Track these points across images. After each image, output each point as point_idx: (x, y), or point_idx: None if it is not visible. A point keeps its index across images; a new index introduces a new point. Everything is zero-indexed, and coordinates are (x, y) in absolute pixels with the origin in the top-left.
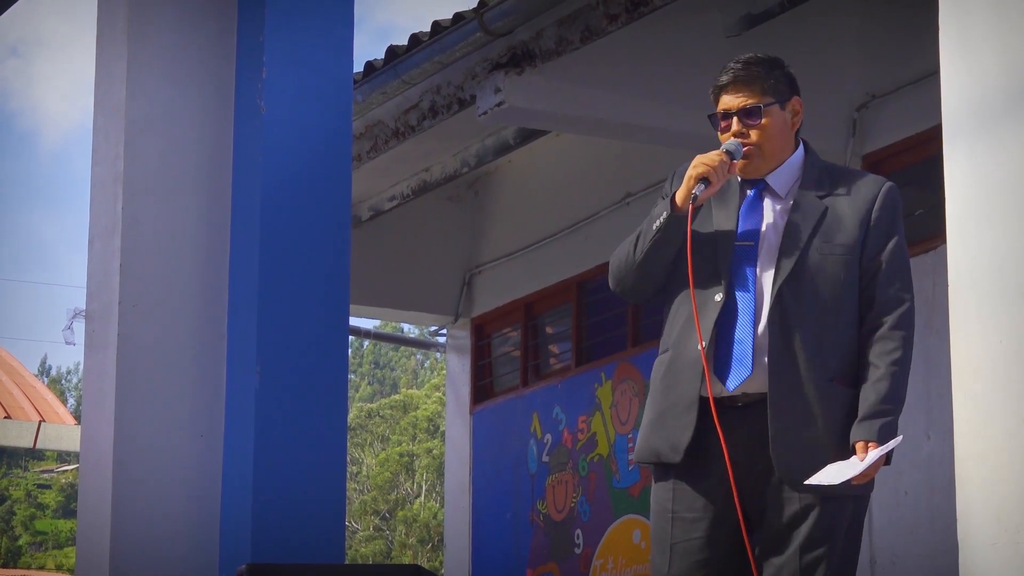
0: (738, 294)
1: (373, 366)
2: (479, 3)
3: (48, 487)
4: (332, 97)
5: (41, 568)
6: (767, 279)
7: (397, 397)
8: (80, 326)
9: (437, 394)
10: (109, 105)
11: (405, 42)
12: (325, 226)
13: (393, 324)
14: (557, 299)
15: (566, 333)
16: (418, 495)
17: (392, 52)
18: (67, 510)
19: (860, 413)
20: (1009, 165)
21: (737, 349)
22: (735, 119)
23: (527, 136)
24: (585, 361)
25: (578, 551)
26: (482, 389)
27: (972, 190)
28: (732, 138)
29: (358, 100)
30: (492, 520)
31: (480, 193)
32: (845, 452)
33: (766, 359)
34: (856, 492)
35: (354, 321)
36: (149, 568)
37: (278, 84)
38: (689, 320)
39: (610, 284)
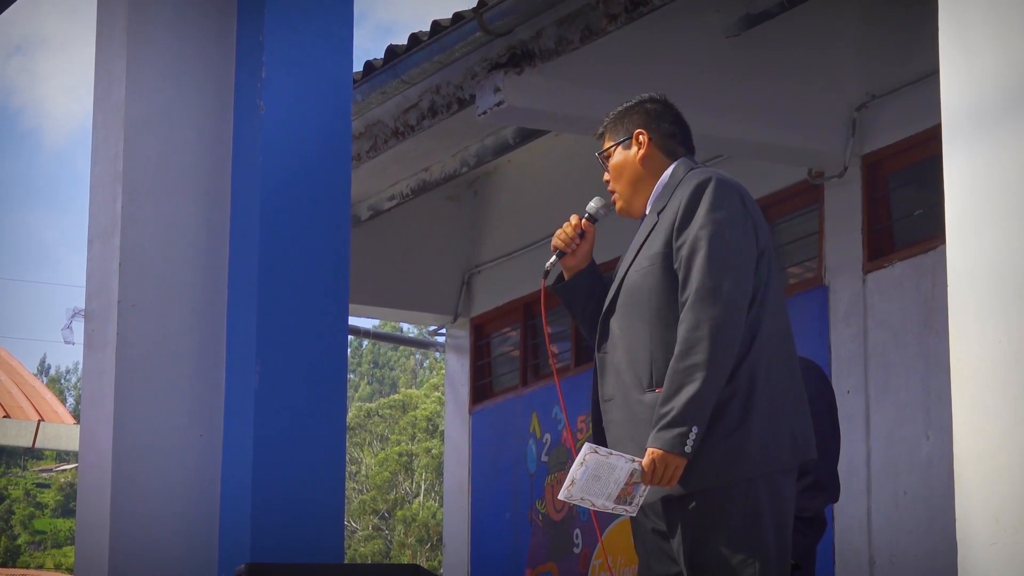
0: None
1: (372, 366)
2: (479, 3)
3: (47, 486)
4: (331, 97)
5: (40, 567)
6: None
7: (396, 397)
8: (79, 325)
9: (436, 394)
10: (108, 104)
11: (406, 39)
12: (324, 226)
13: (392, 324)
14: (556, 299)
15: (565, 333)
16: (417, 495)
17: (391, 52)
18: (66, 509)
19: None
20: (1009, 165)
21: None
22: (605, 172)
23: (526, 136)
24: (584, 361)
25: (577, 551)
26: (481, 389)
27: (971, 190)
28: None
29: (357, 100)
30: (491, 520)
31: (479, 193)
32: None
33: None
34: (727, 481)
35: (353, 320)
36: (148, 567)
37: (277, 84)
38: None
39: None
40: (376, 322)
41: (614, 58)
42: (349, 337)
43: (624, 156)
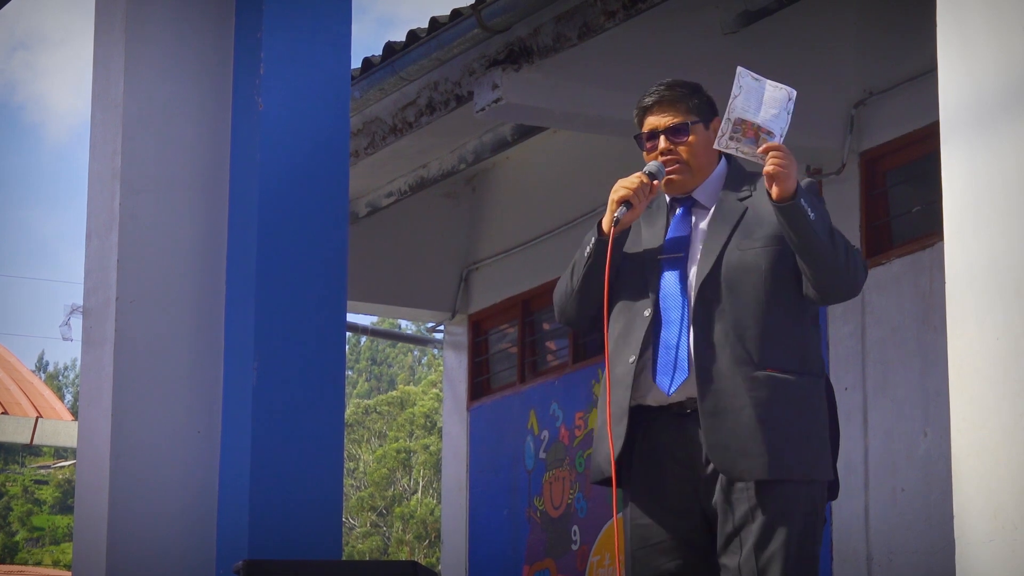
0: (668, 304)
1: (370, 362)
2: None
3: (45, 483)
4: (330, 94)
5: (38, 564)
6: (694, 288)
7: (394, 393)
8: (77, 322)
9: (434, 390)
10: (107, 101)
11: (405, 33)
12: (322, 222)
13: (390, 320)
14: None
15: (563, 330)
16: (415, 491)
17: (390, 48)
18: (64, 506)
19: None
20: (1007, 162)
21: (672, 355)
22: (662, 138)
23: (525, 133)
24: (582, 358)
25: (575, 547)
26: (479, 386)
27: (970, 187)
28: (657, 157)
29: (355, 96)
30: (489, 516)
31: (477, 189)
32: (776, 438)
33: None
34: (810, 477)
35: (351, 317)
36: (146, 564)
37: (276, 81)
38: (619, 336)
39: (556, 317)
40: (374, 319)
41: (612, 55)
42: (347, 334)
43: (704, 136)
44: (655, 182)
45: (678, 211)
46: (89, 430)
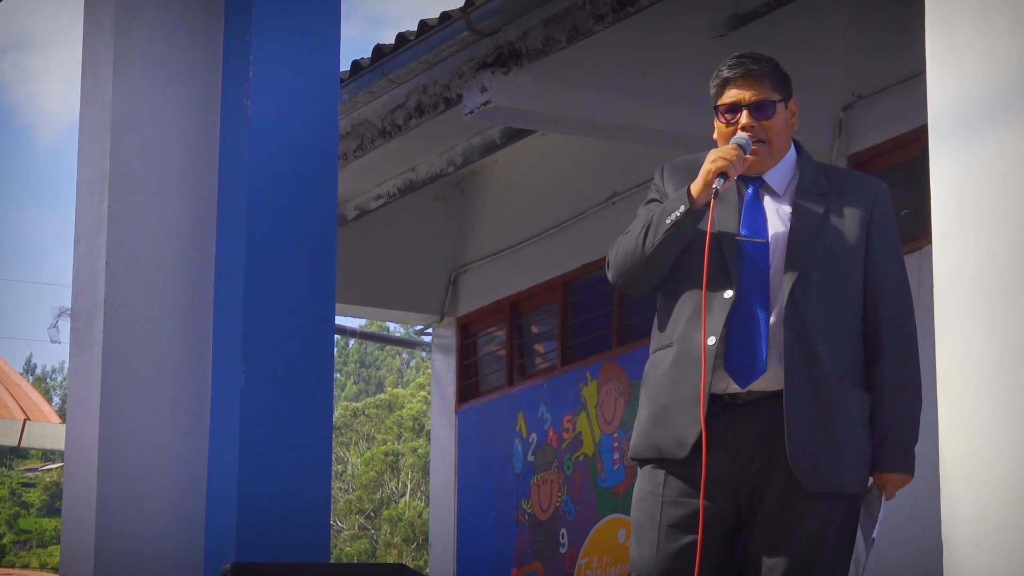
0: (749, 291)
1: (358, 365)
2: (466, 2)
3: (33, 486)
4: (319, 96)
5: (25, 567)
6: (778, 277)
7: (382, 396)
8: (65, 324)
9: (422, 393)
10: (96, 104)
11: (396, 33)
12: (311, 225)
13: (379, 323)
14: (543, 298)
15: (551, 332)
16: (403, 494)
17: (379, 51)
18: (52, 509)
19: (888, 435)
20: (995, 166)
21: (750, 346)
22: (745, 112)
23: (513, 135)
24: (570, 361)
25: (563, 550)
26: (467, 388)
27: (958, 191)
28: (740, 132)
29: (344, 99)
30: (477, 519)
31: (466, 192)
32: (842, 450)
33: (781, 358)
34: (849, 491)
35: (340, 320)
36: (133, 567)
37: (265, 83)
38: (696, 315)
39: (610, 276)
40: (362, 321)
41: (601, 58)
42: (335, 336)
43: (784, 116)
44: (747, 156)
45: (747, 192)
46: (77, 433)
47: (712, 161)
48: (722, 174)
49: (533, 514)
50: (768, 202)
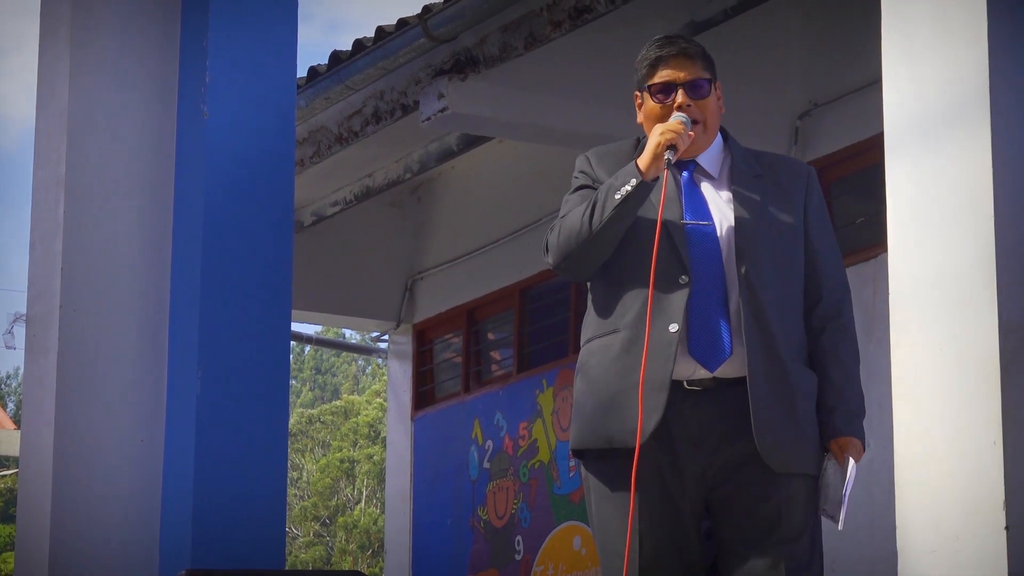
0: (702, 276)
1: (314, 372)
2: (423, 9)
3: None
4: (275, 102)
5: None
6: (731, 261)
7: (338, 403)
8: (21, 330)
9: (378, 400)
10: (52, 108)
11: (357, 36)
12: (267, 231)
13: (335, 330)
14: (499, 305)
15: (508, 339)
16: (359, 501)
17: (336, 57)
18: (6, 515)
19: (839, 406)
20: (950, 174)
21: (712, 331)
22: (680, 92)
23: (470, 142)
24: (527, 368)
25: (518, 557)
26: (423, 395)
27: (913, 199)
28: (676, 112)
29: (301, 105)
30: (433, 526)
31: (423, 199)
32: (805, 429)
33: (743, 341)
34: (813, 471)
35: (296, 326)
36: (89, 572)
37: (221, 89)
38: (653, 301)
39: (550, 261)
40: (318, 328)
41: (558, 65)
42: (291, 343)
43: (715, 97)
44: (690, 132)
45: (683, 176)
46: (32, 439)
47: (661, 134)
48: (672, 146)
49: (489, 521)
50: (706, 186)
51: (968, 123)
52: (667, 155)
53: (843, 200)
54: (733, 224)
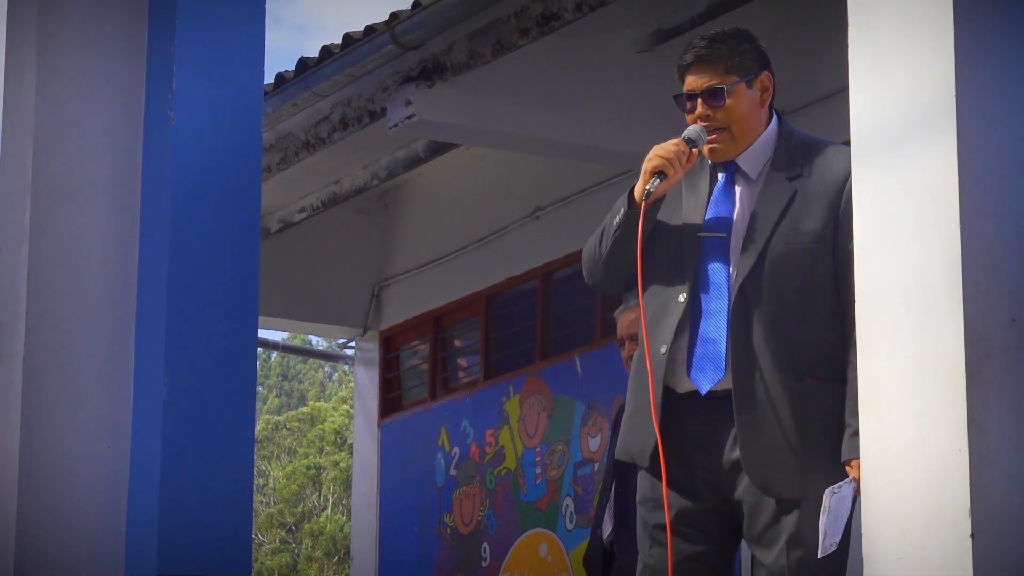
0: (709, 293)
1: (281, 378)
2: (391, 16)
3: None
4: (242, 108)
5: None
6: (733, 276)
7: (305, 410)
8: None
9: (345, 407)
10: (17, 114)
11: (327, 38)
12: (234, 237)
13: (301, 336)
14: (466, 312)
15: (475, 347)
16: (325, 508)
17: (303, 64)
18: None
19: (852, 424)
20: (917, 182)
21: (709, 349)
22: (699, 101)
23: (438, 149)
24: (493, 375)
25: (485, 564)
26: (390, 402)
27: (880, 207)
28: (696, 121)
29: (268, 112)
30: (399, 533)
31: (390, 206)
32: (811, 453)
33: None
34: (811, 494)
35: (262, 333)
36: None
37: (188, 95)
38: (652, 320)
39: (584, 277)
40: (285, 335)
41: (525, 72)
42: (258, 349)
43: (748, 97)
44: (695, 149)
45: (720, 179)
46: None
47: (649, 160)
48: (660, 173)
49: (455, 528)
50: (740, 190)
51: (934, 131)
52: (650, 185)
53: None
54: (744, 240)
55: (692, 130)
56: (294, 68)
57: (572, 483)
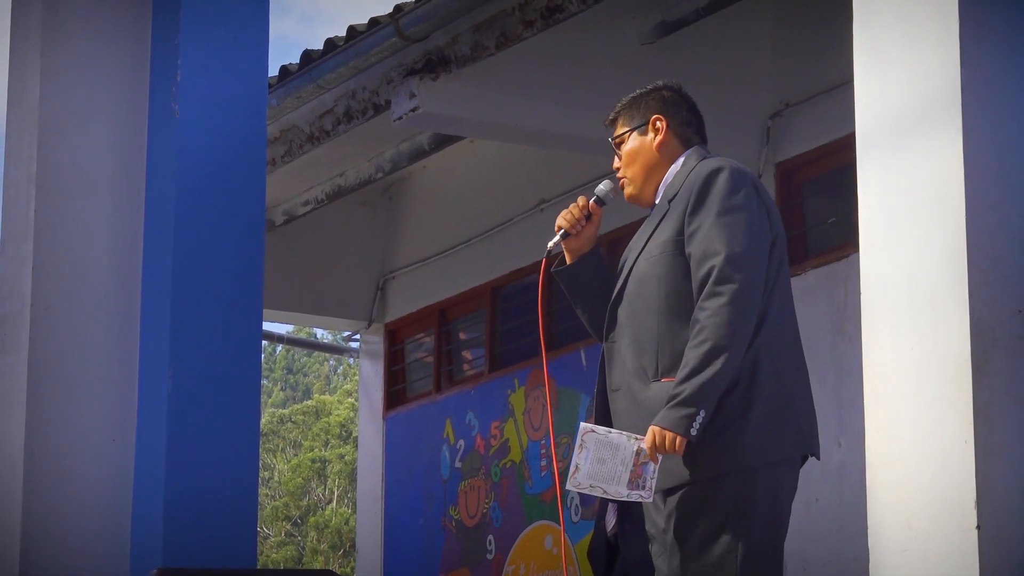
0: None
1: (286, 371)
2: (395, 8)
3: None
4: (247, 101)
5: None
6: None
7: (310, 403)
8: None
9: (350, 400)
10: (23, 107)
11: (334, 28)
12: (239, 230)
13: (306, 329)
14: (471, 305)
15: (480, 339)
16: (330, 501)
17: (307, 56)
18: None
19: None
20: (921, 174)
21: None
22: (615, 158)
23: (442, 142)
24: (498, 367)
25: (490, 557)
26: (395, 395)
27: (885, 199)
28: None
29: (273, 104)
30: (404, 526)
31: (394, 198)
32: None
33: None
34: (716, 473)
35: (267, 326)
36: (60, 572)
37: (192, 87)
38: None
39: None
40: (290, 327)
41: (530, 64)
42: (263, 342)
43: (640, 142)
44: (602, 206)
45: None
46: (3, 438)
47: (557, 220)
48: (563, 232)
49: (460, 520)
50: (646, 223)
51: (939, 123)
52: (550, 244)
53: (814, 200)
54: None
55: (601, 186)
56: (298, 60)
57: None
